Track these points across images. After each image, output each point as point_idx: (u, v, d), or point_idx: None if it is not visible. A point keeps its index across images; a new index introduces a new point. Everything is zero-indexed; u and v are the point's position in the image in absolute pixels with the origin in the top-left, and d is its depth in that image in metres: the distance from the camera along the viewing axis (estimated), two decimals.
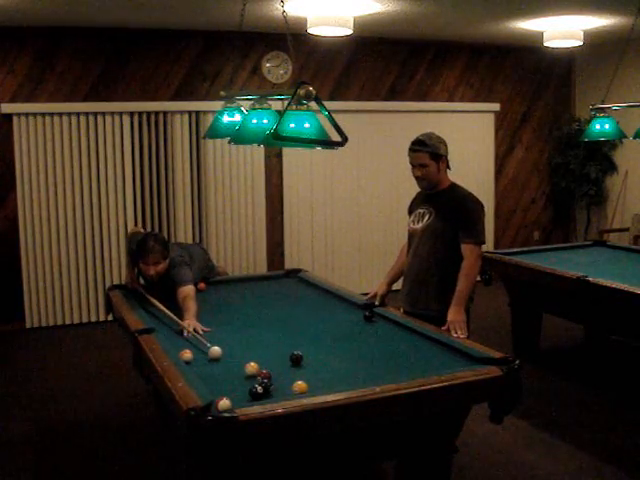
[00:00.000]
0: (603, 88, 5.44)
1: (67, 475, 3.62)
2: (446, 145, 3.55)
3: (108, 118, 6.38)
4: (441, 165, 3.53)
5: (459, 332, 3.25)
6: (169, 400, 2.51)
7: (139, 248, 3.92)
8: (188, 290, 3.78)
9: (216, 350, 3.03)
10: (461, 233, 3.45)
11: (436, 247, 3.53)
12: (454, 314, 3.35)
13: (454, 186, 3.61)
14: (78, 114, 6.28)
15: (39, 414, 4.42)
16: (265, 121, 3.36)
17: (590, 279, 4.28)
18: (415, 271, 3.62)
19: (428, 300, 3.56)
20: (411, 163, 3.57)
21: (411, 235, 3.70)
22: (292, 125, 2.76)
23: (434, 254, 3.54)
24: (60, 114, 6.22)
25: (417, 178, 3.59)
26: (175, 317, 3.56)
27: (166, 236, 6.62)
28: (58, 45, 6.19)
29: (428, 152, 3.49)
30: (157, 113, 6.56)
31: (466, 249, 3.43)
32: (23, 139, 6.16)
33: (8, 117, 6.10)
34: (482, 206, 3.56)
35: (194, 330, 3.36)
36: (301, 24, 5.50)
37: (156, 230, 6.61)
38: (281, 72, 6.93)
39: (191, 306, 3.63)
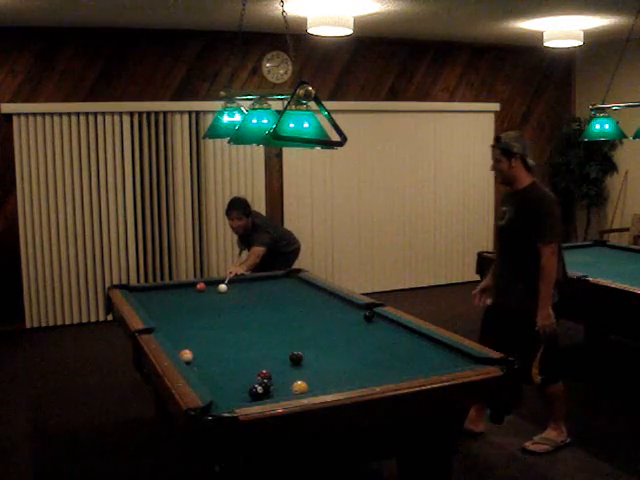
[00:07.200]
0: (603, 88, 5.43)
1: (67, 475, 3.62)
2: (524, 145, 3.65)
3: (108, 118, 6.38)
4: (514, 162, 3.64)
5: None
6: (169, 400, 2.51)
7: (227, 207, 5.23)
8: (256, 250, 4.92)
9: (223, 287, 4.22)
10: (533, 233, 3.56)
11: (513, 244, 3.69)
12: (540, 318, 3.52)
13: (532, 186, 3.69)
14: (78, 114, 6.28)
15: (39, 414, 4.42)
16: (265, 121, 3.36)
17: (590, 279, 4.28)
18: (498, 265, 3.82)
19: (507, 293, 3.71)
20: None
21: (497, 232, 3.94)
22: (291, 125, 2.76)
23: (512, 251, 3.70)
24: (60, 114, 6.22)
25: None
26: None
27: (166, 235, 6.70)
28: (58, 45, 6.19)
29: (500, 148, 3.66)
30: (157, 113, 6.55)
31: (539, 249, 3.54)
32: (23, 139, 6.16)
33: (8, 117, 6.10)
34: (556, 205, 3.64)
35: (230, 272, 4.56)
36: (301, 24, 5.50)
37: (155, 231, 6.66)
38: (281, 72, 6.93)
39: (250, 260, 4.83)
